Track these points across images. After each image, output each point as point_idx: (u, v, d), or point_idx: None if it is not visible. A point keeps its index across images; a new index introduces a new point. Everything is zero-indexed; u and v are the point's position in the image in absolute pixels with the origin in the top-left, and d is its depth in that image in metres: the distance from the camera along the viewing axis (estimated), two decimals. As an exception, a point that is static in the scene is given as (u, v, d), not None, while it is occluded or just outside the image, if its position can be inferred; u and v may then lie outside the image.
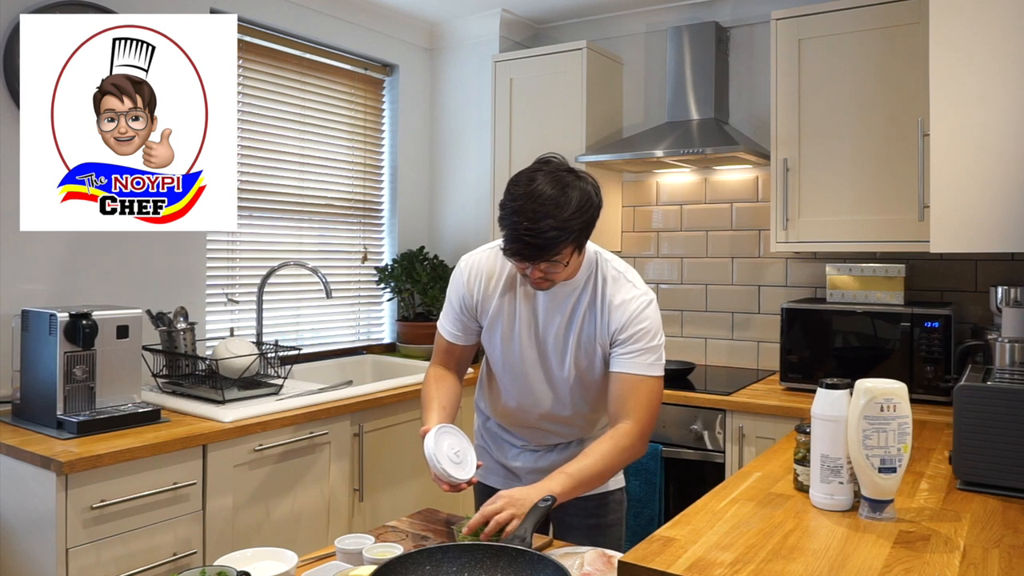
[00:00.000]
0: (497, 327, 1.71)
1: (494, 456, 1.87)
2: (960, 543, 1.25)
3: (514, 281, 1.69)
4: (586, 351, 1.67)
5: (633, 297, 1.65)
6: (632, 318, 1.63)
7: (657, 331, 1.65)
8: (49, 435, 2.03)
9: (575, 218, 1.48)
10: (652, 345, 1.64)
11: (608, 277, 1.67)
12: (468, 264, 1.74)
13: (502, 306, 1.70)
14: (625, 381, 1.63)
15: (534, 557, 1.19)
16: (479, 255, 1.75)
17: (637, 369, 1.62)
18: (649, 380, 1.63)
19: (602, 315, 1.65)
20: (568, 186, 1.49)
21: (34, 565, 1.90)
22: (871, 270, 2.73)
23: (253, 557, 1.35)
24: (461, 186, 3.81)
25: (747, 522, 1.33)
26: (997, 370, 1.89)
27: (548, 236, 1.45)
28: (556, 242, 1.46)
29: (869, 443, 1.33)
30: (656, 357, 1.64)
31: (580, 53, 3.26)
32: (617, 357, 1.65)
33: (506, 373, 1.75)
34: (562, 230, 1.46)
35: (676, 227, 3.44)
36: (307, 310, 3.35)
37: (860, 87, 2.70)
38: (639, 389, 1.63)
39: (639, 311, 1.63)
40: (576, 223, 1.48)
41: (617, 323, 1.63)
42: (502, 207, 1.50)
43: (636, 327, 1.63)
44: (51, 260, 2.42)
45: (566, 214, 1.46)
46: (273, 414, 2.32)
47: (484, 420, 1.90)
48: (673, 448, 2.74)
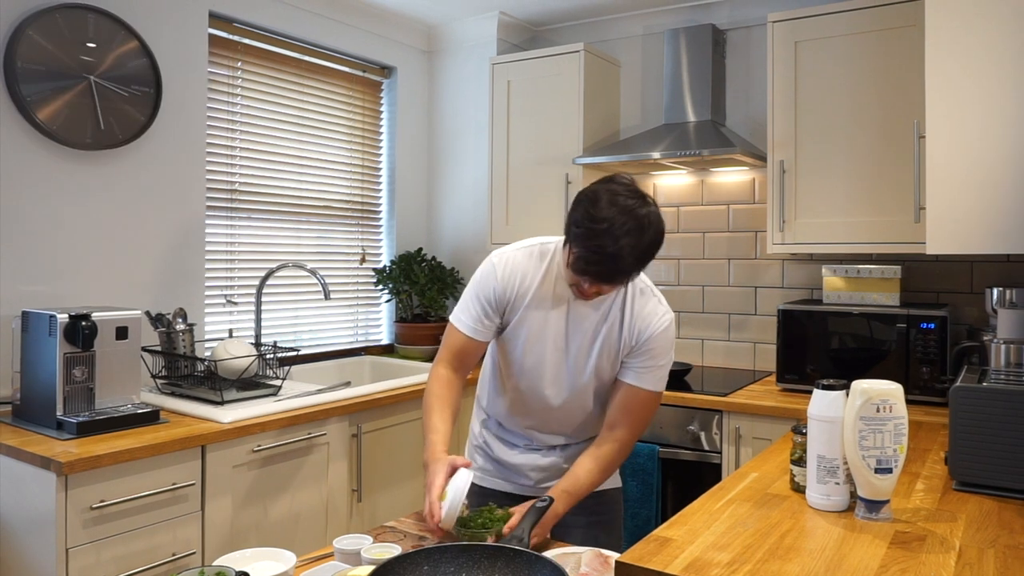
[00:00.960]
0: (524, 328, 1.69)
1: (494, 454, 1.85)
2: (956, 543, 1.25)
3: (548, 283, 1.68)
4: (608, 359, 1.68)
5: (659, 314, 1.68)
6: (654, 334, 1.66)
7: (671, 349, 1.71)
8: (49, 436, 2.03)
9: (652, 249, 1.50)
10: (664, 363, 1.69)
11: (638, 290, 1.69)
12: (502, 260, 1.70)
13: (533, 307, 1.68)
14: (632, 393, 1.67)
15: (531, 557, 1.20)
16: (513, 253, 1.72)
17: (646, 384, 1.67)
18: (653, 395, 1.69)
19: (629, 325, 1.67)
20: (647, 215, 1.48)
21: (34, 565, 1.91)
22: (867, 271, 2.74)
23: (252, 557, 1.35)
24: (459, 188, 3.82)
25: (744, 522, 1.34)
26: (992, 371, 1.90)
27: (627, 262, 1.46)
28: (632, 270, 1.50)
29: (865, 444, 1.34)
30: (664, 374, 1.70)
31: (577, 55, 3.27)
32: (629, 368, 1.68)
33: (523, 375, 1.73)
34: (640, 260, 1.48)
35: (673, 228, 3.45)
36: (305, 311, 3.36)
37: (856, 89, 2.71)
38: (645, 402, 1.68)
39: (662, 329, 1.67)
40: (652, 253, 1.50)
41: (639, 335, 1.66)
42: (578, 224, 1.48)
43: (656, 344, 1.66)
44: (51, 261, 2.42)
45: (645, 243, 1.47)
46: (272, 415, 2.32)
47: (484, 419, 1.90)
48: (670, 449, 2.75)
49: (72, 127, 2.43)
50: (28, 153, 2.36)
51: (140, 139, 2.62)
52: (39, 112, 2.35)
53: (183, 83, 2.77)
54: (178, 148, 2.76)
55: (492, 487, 1.84)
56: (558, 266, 1.67)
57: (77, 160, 2.48)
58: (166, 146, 2.72)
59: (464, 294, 1.74)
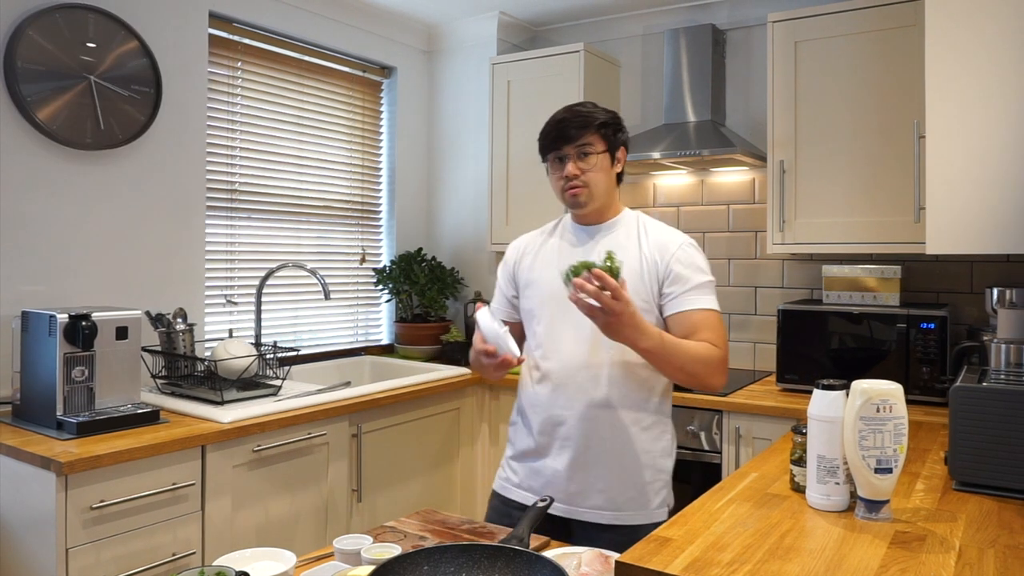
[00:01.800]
0: (534, 286, 1.78)
1: (529, 462, 1.78)
2: (956, 543, 1.25)
3: (554, 239, 1.82)
4: (634, 290, 1.63)
5: (676, 236, 1.73)
6: (677, 253, 1.68)
7: (703, 267, 1.70)
8: (49, 436, 2.04)
9: (601, 111, 1.72)
10: (704, 280, 1.68)
11: (650, 222, 1.79)
12: (513, 242, 1.92)
13: (537, 260, 1.80)
14: (692, 318, 1.64)
15: (531, 557, 1.20)
16: (523, 235, 1.92)
17: (699, 304, 1.65)
18: (713, 313, 1.66)
19: (647, 248, 1.70)
20: (589, 103, 1.75)
21: (34, 565, 1.91)
22: (867, 271, 2.74)
23: (252, 557, 1.35)
24: (459, 188, 3.82)
25: (744, 522, 1.34)
26: (992, 371, 1.90)
27: (576, 121, 1.68)
28: (586, 124, 1.68)
29: (865, 444, 1.34)
30: (709, 292, 1.68)
31: (577, 55, 3.27)
32: (675, 298, 1.66)
33: (547, 337, 1.73)
34: (587, 116, 1.69)
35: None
36: (305, 311, 3.36)
37: (856, 89, 2.71)
38: (710, 322, 1.65)
39: (684, 246, 1.70)
40: (599, 114, 1.71)
41: (663, 258, 1.68)
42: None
43: (684, 262, 1.67)
44: (51, 261, 2.42)
45: (588, 107, 1.72)
46: (272, 415, 2.32)
47: (518, 428, 1.84)
48: (670, 449, 2.75)
49: (72, 127, 2.43)
50: (28, 153, 2.36)
51: (140, 139, 2.62)
52: (39, 112, 2.35)
53: (183, 83, 2.77)
54: (178, 148, 2.76)
55: (523, 501, 1.76)
56: (564, 223, 1.85)
57: (77, 160, 2.48)
58: (166, 146, 2.72)
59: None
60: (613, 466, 1.70)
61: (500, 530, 1.55)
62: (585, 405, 1.70)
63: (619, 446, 1.70)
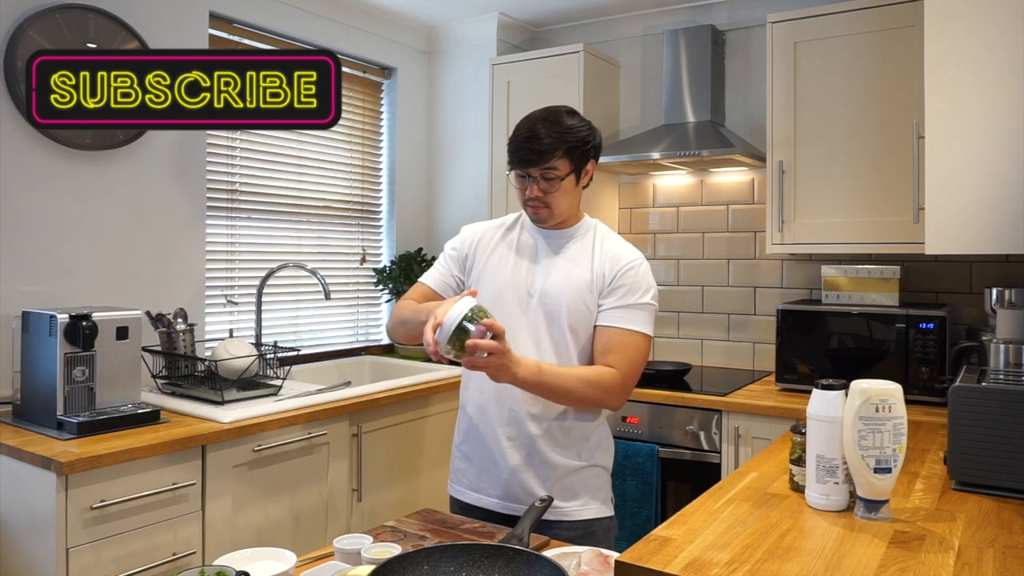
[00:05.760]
0: (487, 277, 1.75)
1: (481, 466, 1.75)
2: (955, 543, 1.26)
3: (511, 236, 1.79)
4: (578, 295, 1.66)
5: (629, 252, 1.72)
6: (624, 269, 1.67)
7: (648, 288, 1.68)
8: (49, 435, 2.04)
9: (570, 131, 1.65)
10: (642, 302, 1.66)
11: (608, 234, 1.77)
12: (468, 226, 1.88)
13: (493, 256, 1.77)
14: (610, 334, 1.64)
15: (531, 557, 1.20)
16: (481, 223, 1.88)
17: (623, 323, 1.64)
18: (636, 335, 1.64)
19: (599, 259, 1.70)
20: (565, 113, 1.69)
21: (34, 565, 1.91)
22: (866, 271, 2.75)
23: (252, 557, 1.35)
24: (459, 188, 3.82)
25: (743, 522, 1.34)
26: (991, 371, 1.90)
27: (545, 142, 1.63)
28: (553, 147, 1.63)
29: (864, 443, 1.34)
30: (645, 315, 1.65)
31: (577, 56, 3.28)
32: (605, 311, 1.66)
33: None
34: (557, 138, 1.63)
35: (673, 229, 3.45)
36: (306, 311, 3.36)
37: (856, 90, 2.71)
38: (625, 343, 1.63)
39: (635, 264, 1.69)
40: (570, 137, 1.64)
41: (611, 271, 1.67)
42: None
43: (628, 279, 1.66)
44: (51, 261, 2.42)
45: (561, 127, 1.65)
46: (272, 415, 2.33)
47: (466, 422, 1.80)
48: (670, 448, 2.75)
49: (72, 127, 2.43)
50: (28, 153, 2.37)
51: (140, 139, 2.62)
52: (39, 112, 2.35)
53: (183, 83, 2.77)
54: (178, 148, 2.76)
55: (486, 506, 1.73)
56: (523, 221, 1.81)
57: (77, 160, 2.48)
58: (166, 146, 2.72)
59: None
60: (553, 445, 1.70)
61: (500, 530, 1.55)
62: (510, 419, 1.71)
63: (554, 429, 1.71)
